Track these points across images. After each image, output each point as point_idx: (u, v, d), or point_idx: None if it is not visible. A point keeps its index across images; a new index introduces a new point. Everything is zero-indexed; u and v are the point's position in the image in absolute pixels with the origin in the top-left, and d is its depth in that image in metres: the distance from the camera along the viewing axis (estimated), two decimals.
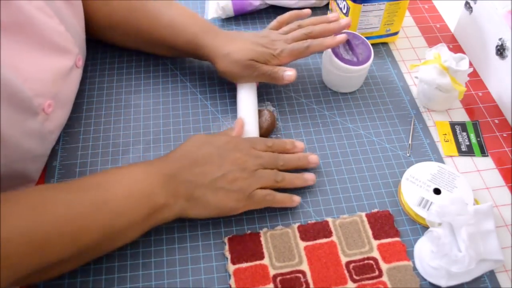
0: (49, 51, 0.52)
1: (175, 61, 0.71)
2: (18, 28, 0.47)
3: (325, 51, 0.65)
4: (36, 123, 0.50)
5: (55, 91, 0.53)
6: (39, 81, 0.49)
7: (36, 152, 0.53)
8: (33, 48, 0.49)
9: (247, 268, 0.51)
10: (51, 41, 0.52)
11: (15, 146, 0.47)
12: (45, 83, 0.51)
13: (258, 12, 0.79)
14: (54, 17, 0.53)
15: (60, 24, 0.53)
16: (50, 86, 0.51)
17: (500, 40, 0.65)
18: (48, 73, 0.51)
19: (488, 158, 0.62)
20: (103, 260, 0.52)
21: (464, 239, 0.48)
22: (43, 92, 0.50)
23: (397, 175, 0.59)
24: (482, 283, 0.51)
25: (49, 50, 0.52)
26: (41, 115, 0.51)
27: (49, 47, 0.52)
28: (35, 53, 0.49)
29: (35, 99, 0.49)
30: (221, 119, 0.65)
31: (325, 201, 0.57)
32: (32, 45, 0.49)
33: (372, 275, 0.51)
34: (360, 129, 0.64)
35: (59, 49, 0.54)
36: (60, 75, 0.54)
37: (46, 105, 0.51)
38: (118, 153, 0.61)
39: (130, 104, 0.66)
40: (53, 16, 0.52)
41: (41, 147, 0.53)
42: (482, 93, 0.69)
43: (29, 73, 0.48)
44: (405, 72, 0.71)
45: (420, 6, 0.82)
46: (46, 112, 0.51)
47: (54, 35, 0.52)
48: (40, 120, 0.51)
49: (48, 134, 0.54)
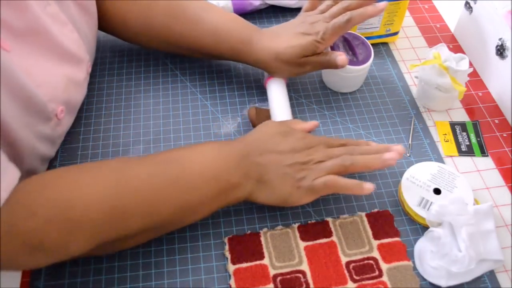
0: (62, 58, 0.52)
1: (175, 61, 0.71)
2: (32, 34, 0.47)
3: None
4: (48, 128, 0.51)
5: (67, 97, 0.53)
6: (52, 87, 0.50)
7: (46, 155, 0.53)
8: (46, 54, 0.50)
9: (247, 268, 0.51)
10: (64, 48, 0.52)
11: (29, 150, 0.48)
12: (57, 89, 0.51)
13: (258, 12, 0.79)
14: (68, 24, 0.53)
15: (73, 31, 0.54)
16: (63, 92, 0.52)
17: (500, 40, 0.65)
18: (60, 79, 0.52)
19: (488, 158, 0.62)
20: (103, 260, 0.52)
21: (464, 239, 0.48)
22: (56, 97, 0.51)
23: (397, 175, 0.59)
24: (482, 283, 0.51)
25: (62, 56, 0.52)
26: (54, 120, 0.51)
27: (62, 54, 0.52)
28: (47, 59, 0.50)
29: (49, 104, 0.49)
30: (221, 119, 0.65)
31: (325, 201, 0.57)
32: (45, 51, 0.49)
33: (372, 275, 0.51)
34: (360, 129, 0.64)
35: (71, 56, 0.54)
36: (72, 82, 0.54)
37: (59, 110, 0.52)
38: (118, 153, 0.61)
39: (130, 104, 0.66)
40: (67, 23, 0.53)
41: (50, 150, 0.54)
42: (482, 93, 0.69)
43: (42, 78, 0.48)
44: (405, 72, 0.71)
45: (420, 6, 0.82)
46: (59, 117, 0.52)
47: (67, 42, 0.53)
48: (52, 125, 0.51)
49: (58, 138, 0.55)
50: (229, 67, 0.71)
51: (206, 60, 0.71)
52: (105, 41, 0.74)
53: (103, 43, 0.74)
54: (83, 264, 0.51)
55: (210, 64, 0.71)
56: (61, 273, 0.51)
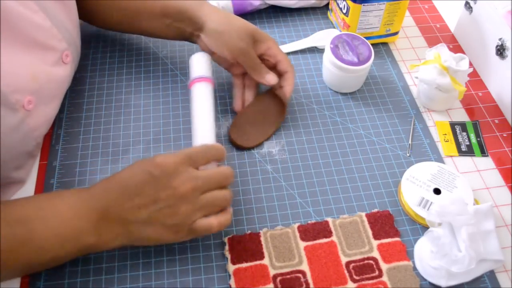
0: (30, 47, 0.51)
1: (175, 61, 0.71)
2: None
3: (325, 51, 0.65)
4: (15, 120, 0.49)
5: (35, 87, 0.51)
6: (16, 76, 0.48)
7: (21, 150, 0.52)
8: (12, 43, 0.48)
9: (247, 268, 0.51)
10: (33, 37, 0.51)
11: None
12: (23, 79, 0.49)
13: (258, 12, 0.79)
14: (38, 12, 0.52)
15: (45, 19, 0.52)
16: (30, 82, 0.50)
17: (500, 40, 0.65)
18: (27, 69, 0.50)
19: (488, 158, 0.62)
20: (103, 260, 0.52)
21: (464, 239, 0.48)
22: (21, 88, 0.49)
23: (397, 175, 0.59)
24: (482, 283, 0.51)
25: (30, 45, 0.51)
26: (21, 112, 0.50)
27: (30, 42, 0.51)
28: (14, 48, 0.48)
29: (11, 95, 0.47)
30: (221, 119, 0.65)
31: (325, 201, 0.57)
32: (11, 40, 0.48)
33: (372, 275, 0.51)
34: (360, 129, 0.64)
35: (41, 45, 0.52)
36: (42, 71, 0.52)
37: (26, 101, 0.50)
38: (118, 153, 0.61)
39: (130, 104, 0.66)
40: (37, 11, 0.51)
41: (26, 144, 0.52)
42: (482, 93, 0.69)
43: (6, 68, 0.47)
44: (405, 72, 0.71)
45: (420, 6, 0.82)
46: (26, 108, 0.50)
47: (37, 30, 0.51)
48: (20, 117, 0.50)
49: (31, 131, 0.53)
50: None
51: None
52: (105, 41, 0.74)
53: (103, 43, 0.74)
54: (83, 264, 0.51)
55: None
56: (61, 273, 0.51)
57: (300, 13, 0.80)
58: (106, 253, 0.52)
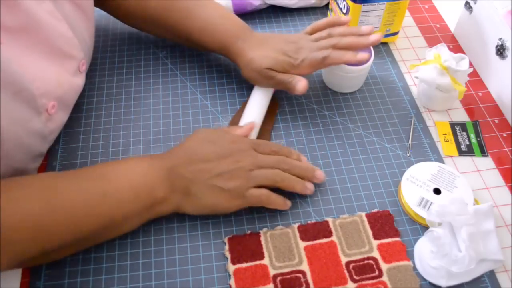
0: (55, 54, 0.52)
1: (175, 61, 0.71)
2: (26, 31, 0.48)
3: None
4: (39, 123, 0.51)
5: (60, 93, 0.53)
6: (45, 81, 0.50)
7: (36, 151, 0.53)
8: (40, 50, 0.50)
9: (247, 268, 0.51)
10: (58, 45, 0.52)
11: (17, 143, 0.48)
12: (50, 84, 0.51)
13: (258, 12, 0.79)
14: (62, 21, 0.53)
15: (68, 29, 0.54)
16: (55, 88, 0.52)
17: (500, 40, 0.65)
18: (53, 75, 0.52)
19: (488, 158, 0.62)
20: (103, 260, 0.52)
21: (464, 239, 0.48)
22: (48, 93, 0.51)
23: (397, 175, 0.59)
24: (482, 283, 0.51)
25: (55, 53, 0.52)
26: (44, 115, 0.51)
27: (55, 50, 0.52)
28: (41, 55, 0.50)
29: (40, 99, 0.49)
30: (221, 119, 0.65)
31: (325, 201, 0.57)
32: (39, 47, 0.50)
33: (372, 275, 0.51)
34: (360, 129, 0.64)
35: (64, 54, 0.54)
36: (65, 79, 0.54)
37: (50, 106, 0.52)
38: (118, 153, 0.61)
39: (130, 104, 0.66)
40: (61, 20, 0.53)
41: (41, 146, 0.54)
42: (482, 93, 0.69)
43: (35, 73, 0.49)
44: (405, 72, 0.71)
45: (420, 6, 0.82)
46: (49, 112, 0.52)
47: (61, 39, 0.53)
48: (43, 120, 0.51)
49: (49, 134, 0.55)
50: (229, 67, 0.71)
51: (206, 60, 0.72)
52: (105, 41, 0.74)
53: (103, 43, 0.74)
54: (83, 264, 0.51)
55: (210, 64, 0.71)
56: (61, 273, 0.51)
57: (300, 13, 0.80)
58: (106, 253, 0.52)
